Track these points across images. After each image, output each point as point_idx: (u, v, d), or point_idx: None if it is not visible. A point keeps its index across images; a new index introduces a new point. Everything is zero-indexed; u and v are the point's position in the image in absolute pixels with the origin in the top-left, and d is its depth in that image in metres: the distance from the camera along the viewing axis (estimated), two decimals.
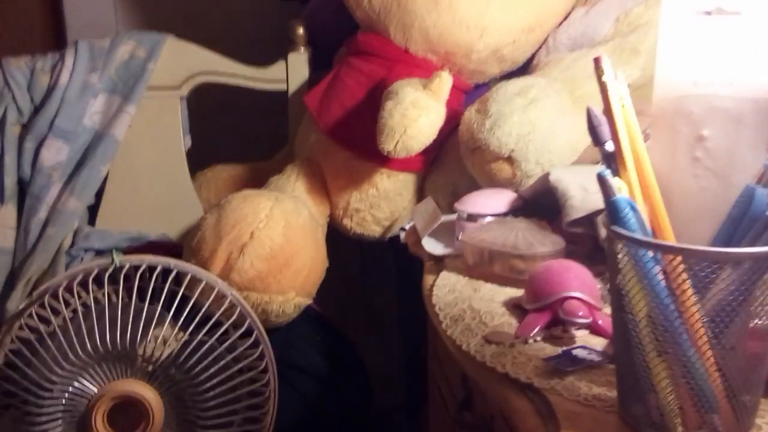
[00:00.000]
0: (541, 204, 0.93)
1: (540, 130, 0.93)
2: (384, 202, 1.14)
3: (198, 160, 1.31)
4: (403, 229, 1.14)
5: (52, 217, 1.18)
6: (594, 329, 0.69)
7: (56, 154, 1.20)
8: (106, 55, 1.25)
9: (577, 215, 0.80)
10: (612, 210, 0.52)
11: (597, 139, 0.57)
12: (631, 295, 0.52)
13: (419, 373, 1.42)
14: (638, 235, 0.51)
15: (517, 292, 0.78)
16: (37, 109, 1.22)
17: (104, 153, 1.21)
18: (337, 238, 1.16)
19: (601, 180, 0.53)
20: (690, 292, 0.49)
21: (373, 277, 1.45)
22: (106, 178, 1.23)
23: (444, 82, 0.99)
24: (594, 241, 0.83)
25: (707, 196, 0.64)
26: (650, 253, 0.50)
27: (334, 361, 1.10)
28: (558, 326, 0.69)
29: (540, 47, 1.13)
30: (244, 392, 0.81)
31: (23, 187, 1.20)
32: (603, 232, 0.78)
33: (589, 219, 0.83)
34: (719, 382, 0.50)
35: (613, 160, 0.56)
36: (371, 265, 1.43)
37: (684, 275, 0.49)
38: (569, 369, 0.62)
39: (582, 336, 0.68)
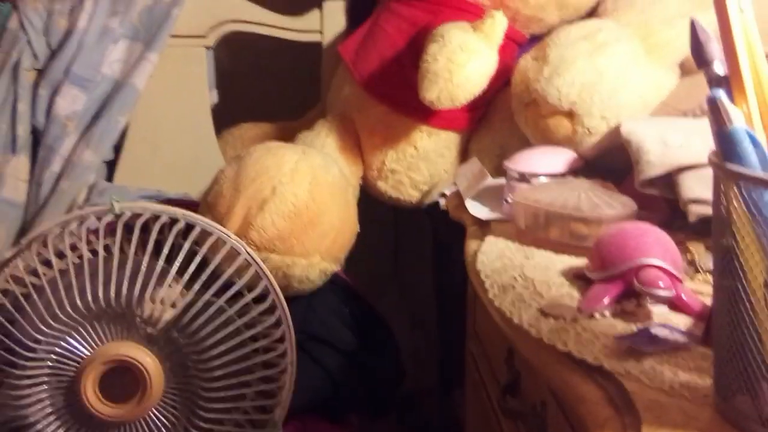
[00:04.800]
0: (605, 165, 0.81)
1: (608, 80, 0.81)
2: (423, 164, 1.03)
3: (224, 118, 1.22)
4: (443, 194, 1.03)
5: (66, 170, 1.11)
6: (676, 304, 0.57)
7: (72, 102, 1.13)
8: None
9: (653, 173, 0.68)
10: (726, 143, 0.40)
11: (702, 59, 0.44)
12: (745, 255, 0.40)
13: (454, 353, 1.31)
14: (761, 174, 0.39)
15: (576, 261, 0.66)
16: (53, 54, 1.14)
17: (123, 104, 1.13)
18: (370, 203, 1.06)
19: (713, 105, 0.41)
20: None
21: (409, 248, 1.34)
22: (124, 132, 1.15)
23: (498, 23, 0.87)
24: (671, 205, 0.71)
25: None
26: None
27: (363, 335, 0.99)
28: (631, 299, 0.57)
29: None
30: (257, 363, 0.71)
31: (37, 137, 1.13)
32: (688, 192, 0.66)
33: (666, 180, 0.70)
34: None
35: (725, 85, 0.43)
36: (406, 235, 1.33)
37: None
38: (648, 350, 0.51)
39: (660, 312, 0.56)
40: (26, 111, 1.12)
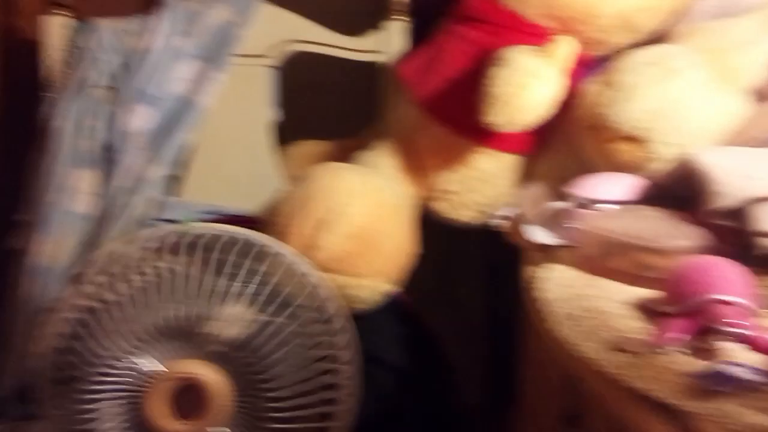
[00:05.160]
0: (672, 193, 0.79)
1: (678, 106, 0.80)
2: (483, 185, 1.03)
3: (282, 134, 1.24)
4: (501, 215, 1.02)
5: (135, 185, 1.14)
6: (751, 342, 0.55)
7: (143, 120, 1.16)
8: (197, 19, 1.20)
9: (722, 203, 0.66)
10: None
11: None
12: None
13: (505, 374, 1.30)
14: None
15: (644, 292, 0.65)
16: (126, 73, 1.18)
17: (190, 121, 1.17)
18: (420, 220, 1.06)
19: None
20: None
21: (458, 266, 1.34)
22: (192, 149, 1.18)
23: (566, 48, 0.86)
24: (741, 237, 0.69)
25: None
26: None
27: (418, 356, 0.99)
28: (704, 335, 0.55)
29: (676, 15, 0.98)
30: (321, 384, 0.72)
31: (108, 153, 1.16)
32: (757, 224, 0.64)
33: (736, 211, 0.69)
34: None
35: None
36: (456, 253, 1.33)
37: None
38: (721, 389, 0.49)
39: (735, 350, 0.55)
40: (99, 127, 1.16)
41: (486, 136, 0.97)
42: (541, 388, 0.81)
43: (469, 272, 1.29)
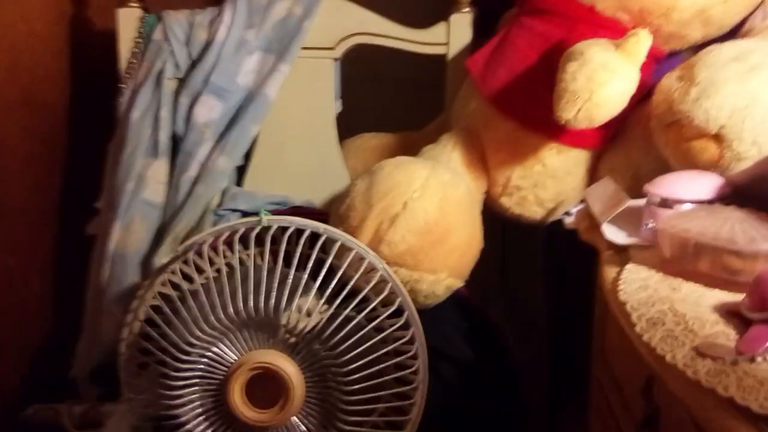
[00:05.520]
0: (755, 194, 0.77)
1: (761, 104, 0.77)
2: (550, 181, 1.01)
3: (346, 127, 1.24)
4: (567, 213, 1.01)
5: (202, 175, 1.16)
6: None
7: (209, 111, 1.18)
8: (263, 11, 1.21)
9: None
10: None
11: None
12: None
13: (565, 372, 1.29)
14: None
15: (729, 296, 0.63)
16: (193, 64, 1.20)
17: (256, 113, 1.17)
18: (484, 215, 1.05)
19: None
20: None
21: (516, 262, 1.32)
22: (255, 139, 1.19)
23: (642, 42, 0.84)
24: None
25: None
26: None
27: (482, 350, 0.99)
28: None
29: (756, 9, 0.95)
30: (391, 378, 0.72)
31: (176, 143, 1.19)
32: None
33: None
34: None
35: None
36: (514, 249, 1.31)
37: None
38: None
39: None
40: (168, 118, 1.18)
41: (553, 131, 0.96)
42: (616, 390, 0.80)
43: (532, 270, 1.27)
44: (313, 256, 0.72)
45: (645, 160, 0.94)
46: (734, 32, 0.96)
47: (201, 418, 0.70)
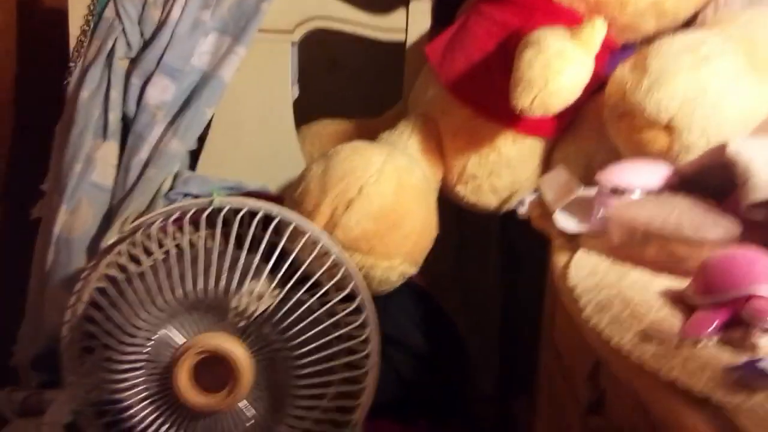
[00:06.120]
0: (701, 183, 0.78)
1: (710, 95, 0.78)
2: (505, 170, 1.02)
3: (303, 113, 1.23)
4: (521, 202, 1.02)
5: (154, 158, 1.14)
6: None
7: (162, 92, 1.15)
8: None
9: (761, 196, 0.66)
10: None
11: None
12: None
13: (516, 361, 1.30)
14: None
15: (675, 282, 0.64)
16: (146, 44, 1.17)
17: (210, 95, 1.15)
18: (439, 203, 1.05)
19: None
20: None
21: (471, 250, 1.33)
22: (208, 123, 1.17)
23: (597, 30, 0.85)
24: None
25: None
26: None
27: (434, 338, 0.99)
28: (737, 328, 0.55)
29: (708, 2, 0.96)
30: (342, 363, 0.72)
31: (127, 124, 1.16)
32: None
33: None
34: None
35: None
36: (470, 238, 1.32)
37: None
38: (756, 385, 0.49)
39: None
40: (118, 99, 1.14)
41: (509, 119, 0.96)
42: (565, 376, 0.81)
43: (487, 258, 1.28)
44: (266, 239, 0.71)
45: (598, 149, 0.95)
46: (688, 25, 0.98)
47: (146, 402, 0.69)
